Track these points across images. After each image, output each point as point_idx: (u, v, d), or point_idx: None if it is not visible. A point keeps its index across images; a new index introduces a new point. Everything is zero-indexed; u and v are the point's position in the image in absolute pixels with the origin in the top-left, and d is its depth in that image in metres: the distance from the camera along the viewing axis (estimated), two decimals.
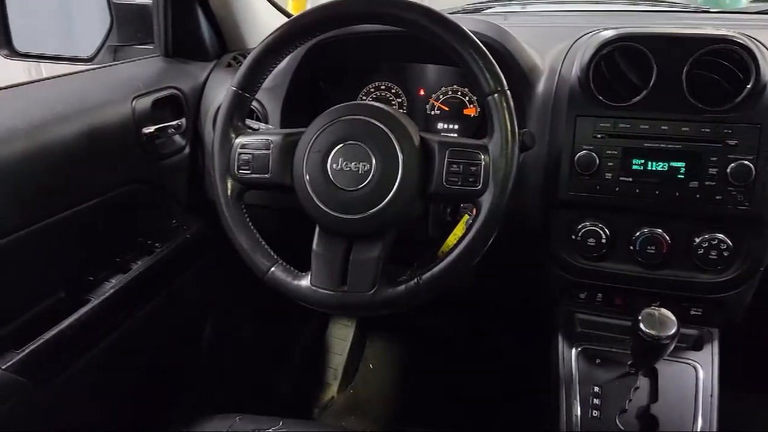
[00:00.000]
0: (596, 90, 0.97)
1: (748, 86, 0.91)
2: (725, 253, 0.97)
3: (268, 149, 0.91)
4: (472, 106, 1.21)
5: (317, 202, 0.86)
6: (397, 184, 0.84)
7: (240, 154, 0.92)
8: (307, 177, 0.87)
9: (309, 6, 0.95)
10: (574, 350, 1.06)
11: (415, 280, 0.86)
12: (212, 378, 1.52)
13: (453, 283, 0.88)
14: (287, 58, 1.11)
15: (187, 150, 1.27)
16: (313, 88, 1.26)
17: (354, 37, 1.15)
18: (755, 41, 0.96)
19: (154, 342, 1.29)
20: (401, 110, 1.25)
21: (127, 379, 1.23)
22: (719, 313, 1.04)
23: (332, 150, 0.87)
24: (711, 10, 1.44)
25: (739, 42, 0.91)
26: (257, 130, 0.99)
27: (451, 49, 0.85)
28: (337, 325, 1.87)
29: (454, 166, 0.85)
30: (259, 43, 0.92)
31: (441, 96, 1.23)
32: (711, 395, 0.99)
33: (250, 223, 0.92)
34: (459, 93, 1.22)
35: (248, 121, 0.98)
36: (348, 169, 0.85)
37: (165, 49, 1.32)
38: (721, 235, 0.97)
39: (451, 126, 1.23)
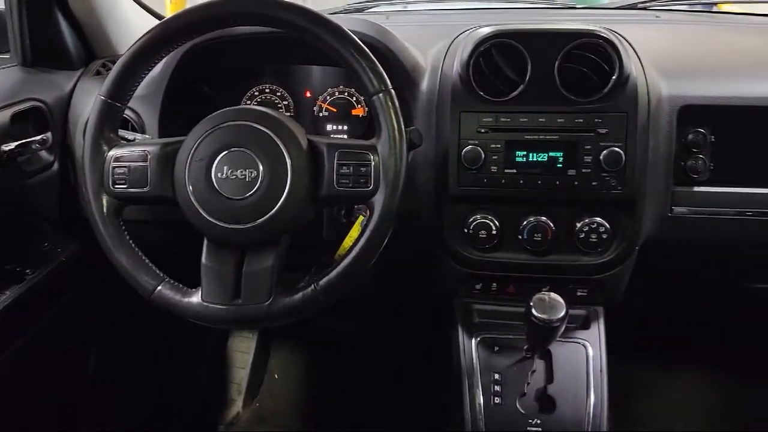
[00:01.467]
0: (477, 86, 1.00)
1: (614, 77, 0.97)
2: (604, 236, 1.02)
3: (146, 161, 0.85)
4: (360, 106, 1.21)
5: (203, 214, 0.82)
6: (286, 189, 0.82)
7: (114, 167, 0.85)
8: (191, 188, 0.83)
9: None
10: (473, 341, 1.09)
11: (312, 286, 0.84)
12: (104, 406, 1.42)
13: (352, 285, 0.87)
14: (162, 63, 1.05)
15: (56, 166, 1.17)
16: (194, 94, 1.20)
17: (234, 39, 1.11)
18: (617, 35, 1.03)
19: (36, 375, 1.18)
20: (288, 113, 1.22)
21: (9, 418, 1.12)
22: (602, 292, 1.10)
23: (216, 158, 0.83)
24: (577, 6, 1.53)
25: (602, 36, 0.97)
26: (132, 141, 0.92)
27: (332, 50, 0.84)
28: (237, 339, 1.81)
29: (344, 167, 0.84)
30: (128, 49, 0.86)
31: (328, 97, 1.21)
32: (600, 370, 1.05)
33: (130, 241, 0.86)
34: (346, 93, 1.21)
35: (122, 132, 0.92)
36: (234, 177, 0.82)
37: (22, 57, 1.20)
38: (599, 219, 1.02)
39: (340, 127, 1.22)
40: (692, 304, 1.56)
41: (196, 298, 0.84)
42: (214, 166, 0.82)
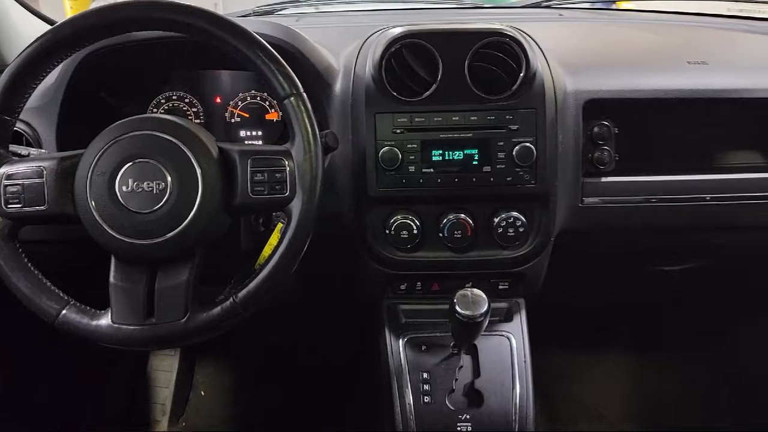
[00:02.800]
0: (390, 87, 1.00)
1: (521, 75, 1.00)
2: (521, 229, 1.05)
3: (42, 177, 0.80)
4: (273, 110, 1.18)
5: (109, 230, 0.78)
6: (198, 200, 0.78)
7: (6, 186, 0.79)
8: (93, 203, 0.78)
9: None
10: (401, 341, 1.08)
11: (231, 299, 0.81)
12: None
13: (273, 294, 0.84)
14: (57, 71, 0.99)
15: None
16: (96, 104, 1.14)
17: (136, 44, 1.05)
18: (523, 33, 1.06)
19: None
20: (198, 121, 1.18)
21: None
22: (523, 284, 1.13)
23: (120, 171, 0.78)
24: (485, 6, 1.57)
25: (509, 35, 0.99)
26: (26, 156, 0.86)
27: (240, 54, 0.81)
28: (158, 357, 1.73)
29: (259, 174, 0.82)
30: (15, 58, 0.80)
31: (239, 102, 1.18)
32: (524, 360, 1.07)
33: (29, 264, 0.80)
34: (258, 98, 1.18)
35: (13, 147, 0.85)
36: (140, 189, 0.78)
37: None
38: (515, 213, 1.05)
39: (254, 133, 1.19)
40: (606, 289, 1.63)
41: (105, 320, 0.79)
42: (118, 179, 0.78)
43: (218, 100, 1.18)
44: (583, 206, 1.09)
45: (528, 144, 1.01)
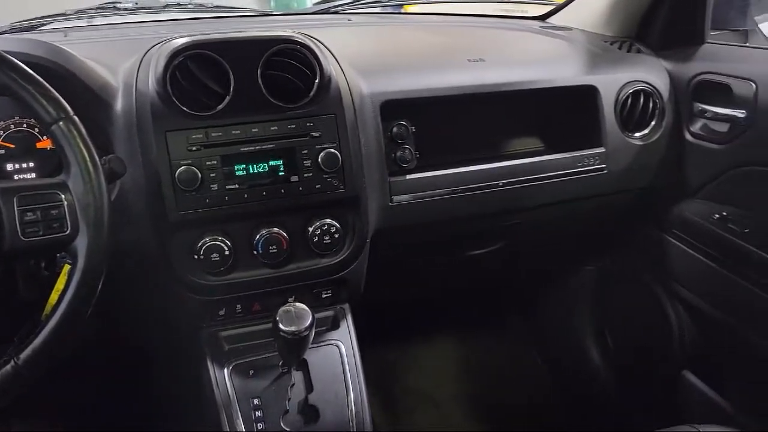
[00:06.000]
0: (179, 102, 0.93)
1: (316, 81, 0.99)
2: (336, 235, 1.04)
3: None
4: (46, 137, 1.04)
5: None
6: None
7: None
8: None
9: None
10: (225, 370, 1.02)
11: (12, 361, 0.70)
12: None
13: (67, 346, 0.74)
14: None
15: None
16: None
17: None
18: (314, 39, 1.05)
19: None
20: None
21: None
22: (346, 289, 1.13)
23: None
24: (274, 13, 1.54)
25: (299, 41, 0.98)
26: None
27: None
28: None
29: (30, 213, 0.72)
30: None
31: (1, 132, 1.02)
32: (356, 365, 1.07)
33: None
34: (25, 125, 1.02)
35: None
36: None
37: None
38: (329, 220, 1.04)
39: (24, 165, 1.03)
40: (426, 280, 1.70)
41: None
42: None
43: None
44: (393, 205, 1.12)
45: (332, 150, 1.00)
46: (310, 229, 1.03)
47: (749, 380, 1.26)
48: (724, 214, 1.21)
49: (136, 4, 1.39)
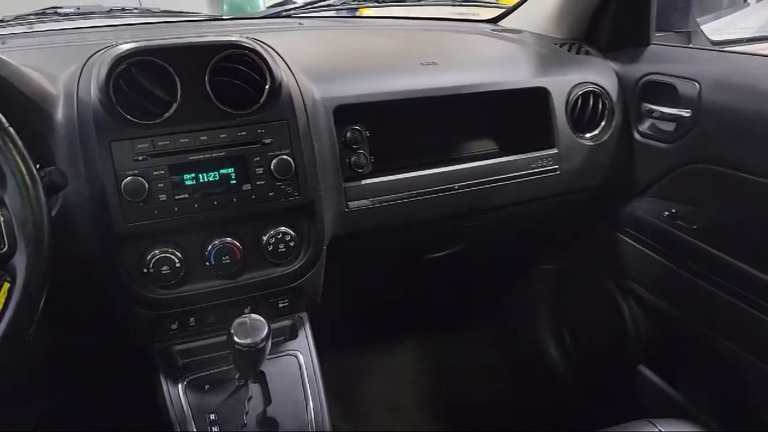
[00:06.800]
0: (124, 110, 0.90)
1: (267, 87, 0.97)
2: (291, 244, 1.02)
3: None
4: None
5: None
6: None
7: None
8: None
9: None
10: (180, 386, 0.99)
11: None
12: None
13: (7, 370, 0.70)
14: None
15: None
16: None
17: None
18: (263, 44, 1.03)
19: None
20: None
21: None
22: (303, 298, 1.11)
23: None
24: (224, 18, 1.51)
25: (247, 46, 0.96)
26: None
27: None
28: None
29: None
30: None
31: None
32: (314, 374, 1.06)
33: None
34: None
35: None
36: None
37: None
38: (284, 228, 1.02)
39: None
40: (386, 284, 1.70)
41: None
42: None
43: None
44: (349, 211, 1.11)
45: (285, 156, 0.98)
46: (265, 238, 1.01)
47: (701, 373, 1.30)
48: (673, 211, 1.24)
49: (79, 9, 1.34)
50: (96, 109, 0.90)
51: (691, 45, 1.44)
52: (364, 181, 1.12)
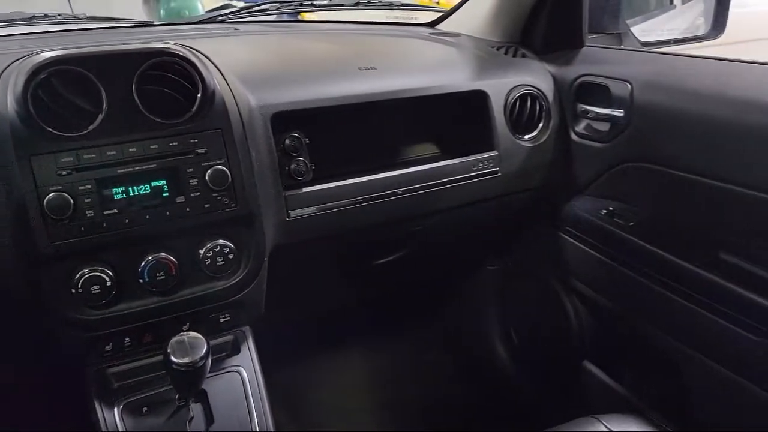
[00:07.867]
0: (44, 122, 0.84)
1: (199, 95, 0.93)
2: (230, 256, 0.99)
3: None
4: None
5: None
6: None
7: None
8: None
9: None
10: (115, 410, 0.94)
11: None
12: None
13: None
14: None
15: None
16: None
17: None
18: (194, 51, 1.00)
19: None
20: None
21: None
22: (245, 311, 1.07)
23: None
24: (155, 24, 1.46)
25: (176, 53, 0.92)
26: None
27: None
28: None
29: None
30: None
31: None
32: (258, 390, 1.03)
33: None
34: None
35: None
36: None
37: None
38: (222, 241, 0.98)
39: None
40: (334, 292, 1.67)
41: None
42: None
43: None
44: (290, 219, 1.08)
45: (220, 166, 0.95)
46: (202, 252, 0.97)
47: (644, 368, 1.33)
48: (611, 209, 1.27)
49: None
50: (13, 122, 0.84)
51: (622, 46, 1.48)
52: (304, 189, 1.10)
